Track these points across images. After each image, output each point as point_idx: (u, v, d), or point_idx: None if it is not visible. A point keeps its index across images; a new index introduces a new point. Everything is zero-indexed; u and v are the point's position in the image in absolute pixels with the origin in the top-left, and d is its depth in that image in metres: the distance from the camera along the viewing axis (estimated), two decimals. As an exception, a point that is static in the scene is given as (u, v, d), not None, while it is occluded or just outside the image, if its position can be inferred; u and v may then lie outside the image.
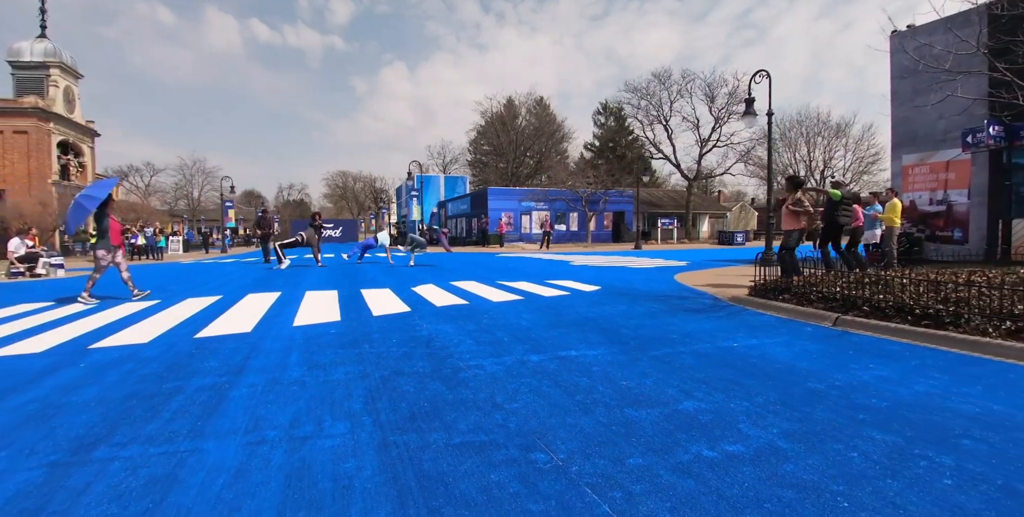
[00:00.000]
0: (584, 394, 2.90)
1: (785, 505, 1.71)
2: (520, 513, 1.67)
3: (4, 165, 27.96)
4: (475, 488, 1.83)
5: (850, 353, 3.89)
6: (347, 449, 2.17)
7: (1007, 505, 1.70)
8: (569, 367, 3.47)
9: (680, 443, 2.22)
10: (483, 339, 4.38)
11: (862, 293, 5.28)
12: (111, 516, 1.67)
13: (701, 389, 2.97)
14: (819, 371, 3.36)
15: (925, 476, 1.91)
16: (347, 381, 3.17)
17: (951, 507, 1.70)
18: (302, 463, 2.05)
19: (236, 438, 2.29)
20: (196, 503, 1.74)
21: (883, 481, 1.88)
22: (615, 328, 4.82)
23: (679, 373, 3.31)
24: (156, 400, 2.84)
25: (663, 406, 2.69)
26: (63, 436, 2.36)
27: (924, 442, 2.23)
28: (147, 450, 2.17)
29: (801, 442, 2.23)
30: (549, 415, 2.57)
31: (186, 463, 2.05)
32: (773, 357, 3.74)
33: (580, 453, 2.12)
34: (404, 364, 3.59)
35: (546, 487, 1.84)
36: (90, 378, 3.32)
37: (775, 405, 2.70)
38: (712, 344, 4.14)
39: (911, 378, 3.21)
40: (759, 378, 3.19)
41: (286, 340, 4.42)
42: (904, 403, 2.75)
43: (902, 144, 14.26)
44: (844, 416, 2.55)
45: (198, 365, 3.58)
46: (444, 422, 2.48)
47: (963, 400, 2.79)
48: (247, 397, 2.87)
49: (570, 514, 1.66)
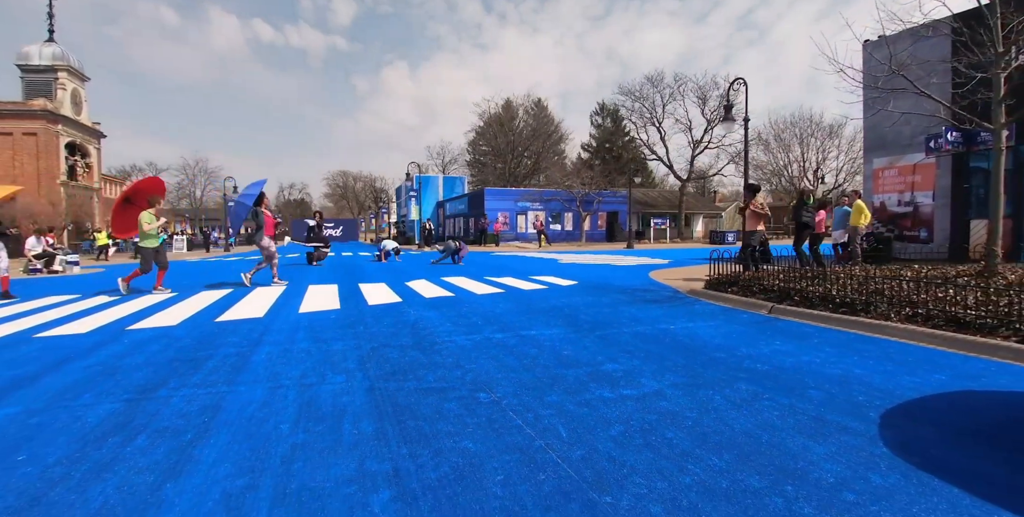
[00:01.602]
0: (530, 359, 3.67)
1: (647, 422, 2.48)
2: (460, 424, 2.44)
3: (14, 166, 28.78)
4: (431, 411, 2.60)
5: (766, 333, 4.65)
6: (343, 390, 2.95)
7: (806, 424, 2.47)
8: (525, 342, 4.24)
9: (589, 389, 2.99)
10: (460, 322, 5.15)
11: (796, 286, 6.04)
12: (180, 426, 2.44)
13: (624, 357, 3.74)
14: (729, 346, 4.12)
15: (760, 409, 2.67)
16: (344, 350, 3.95)
17: (762, 423, 2.47)
18: (310, 398, 2.82)
19: (260, 384, 3.07)
20: (237, 418, 2.51)
21: (726, 412, 2.65)
22: (575, 314, 5.59)
23: (613, 346, 4.07)
24: (194, 362, 3.62)
25: (588, 367, 3.46)
26: (129, 385, 3.13)
27: (777, 391, 2.99)
28: (196, 391, 2.95)
29: (681, 390, 3.00)
30: (497, 372, 3.34)
31: (226, 398, 2.82)
32: (698, 336, 4.50)
33: (512, 394, 2.89)
34: (391, 340, 4.37)
35: (481, 411, 2.61)
36: (135, 349, 4.10)
37: (677, 367, 3.47)
38: (652, 326, 4.91)
39: (803, 351, 3.97)
40: (676, 350, 3.96)
41: (293, 323, 5.19)
42: (783, 367, 3.50)
43: (872, 148, 15.02)
44: (727, 375, 3.31)
45: (223, 340, 4.36)
46: (417, 376, 3.25)
47: (833, 366, 3.55)
48: (265, 360, 3.65)
49: (493, 425, 2.43)
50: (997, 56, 6.02)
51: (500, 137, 53.24)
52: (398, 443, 2.23)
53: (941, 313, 4.63)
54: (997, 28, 6.00)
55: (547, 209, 32.94)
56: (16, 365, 3.69)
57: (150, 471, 1.99)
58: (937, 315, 4.64)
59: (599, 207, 32.62)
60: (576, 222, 32.82)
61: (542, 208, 32.96)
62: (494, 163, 54.60)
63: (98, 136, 35.41)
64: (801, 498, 1.77)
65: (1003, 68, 6.01)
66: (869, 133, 15.05)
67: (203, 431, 2.37)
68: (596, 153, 52.49)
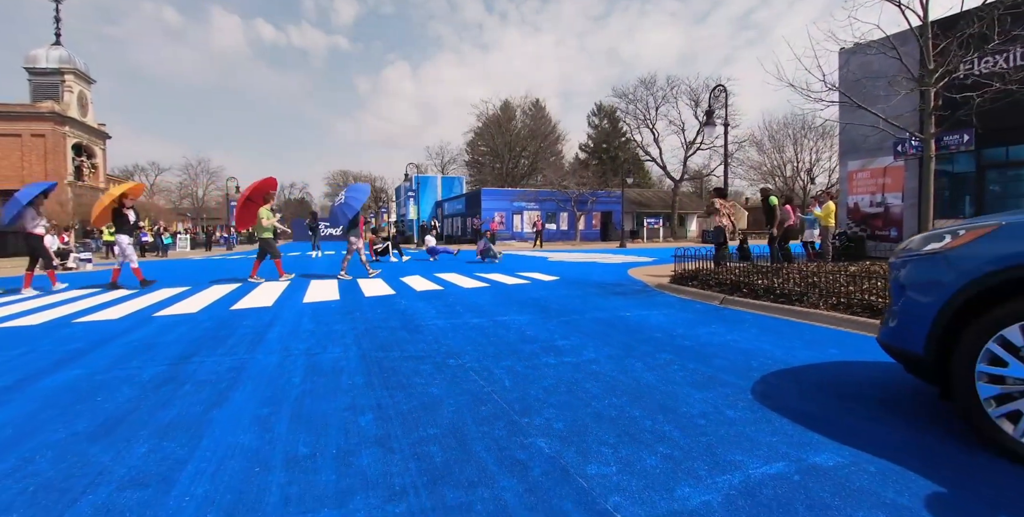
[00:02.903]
0: (497, 337, 4.40)
1: (574, 378, 3.21)
2: (429, 378, 3.17)
3: (23, 166, 29.53)
4: (409, 370, 3.34)
5: (708, 319, 5.37)
6: (341, 357, 3.68)
7: (698, 380, 3.20)
8: (497, 324, 4.97)
9: (539, 357, 3.72)
10: (444, 310, 5.89)
11: (746, 279, 6.77)
12: (215, 379, 3.17)
13: (577, 336, 4.47)
14: (670, 329, 4.85)
15: (668, 371, 3.40)
16: (342, 331, 4.69)
17: (664, 379, 3.19)
18: (315, 362, 3.56)
19: (275, 354, 3.81)
20: (259, 375, 3.25)
21: (640, 372, 3.37)
22: (548, 304, 6.32)
23: (571, 328, 4.80)
24: (218, 339, 4.36)
25: (544, 343, 4.19)
26: (167, 355, 3.87)
27: (690, 359, 3.71)
28: (223, 358, 3.69)
29: (613, 358, 3.72)
30: (468, 345, 4.08)
31: (248, 363, 3.56)
32: (648, 321, 5.23)
33: (476, 360, 3.63)
34: (383, 323, 5.10)
35: (448, 371, 3.34)
36: (165, 330, 4.84)
37: (617, 343, 4.20)
38: (611, 313, 5.64)
39: (731, 332, 4.69)
40: (623, 331, 4.69)
41: (299, 310, 5.93)
42: (706, 344, 4.22)
43: (847, 151, 15.74)
44: (655, 348, 4.03)
45: (239, 322, 5.10)
46: (401, 348, 3.99)
47: (748, 343, 4.27)
48: (277, 337, 4.39)
49: (455, 379, 3.16)
50: (928, 73, 6.73)
51: (498, 138, 53.98)
52: (381, 389, 2.96)
53: (860, 302, 5.36)
54: (928, 48, 6.71)
55: (543, 209, 33.68)
56: (67, 342, 4.43)
57: (199, 404, 2.72)
58: (857, 303, 5.37)
59: (593, 207, 33.36)
60: (571, 222, 33.55)
61: (538, 208, 33.70)
62: (492, 163, 55.35)
63: (103, 137, 36.17)
64: (666, 421, 2.50)
65: (933, 84, 6.72)
66: (843, 137, 15.76)
67: (234, 382, 3.11)
68: (593, 153, 53.23)
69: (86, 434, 2.36)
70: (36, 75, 31.86)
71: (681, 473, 1.96)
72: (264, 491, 1.82)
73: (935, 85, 6.62)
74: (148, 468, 2.01)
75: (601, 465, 2.02)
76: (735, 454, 2.12)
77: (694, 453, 2.13)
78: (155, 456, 2.11)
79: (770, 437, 2.30)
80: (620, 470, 1.98)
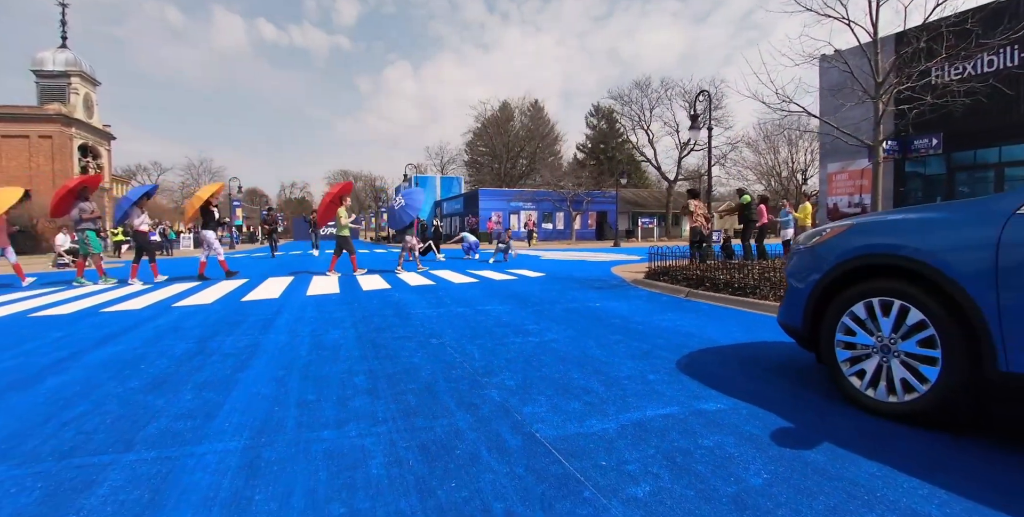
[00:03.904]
0: (476, 322, 5.05)
1: (534, 353, 3.86)
2: (413, 352, 3.83)
3: (31, 167, 30.23)
4: (397, 346, 4.00)
5: (668, 309, 6.01)
6: (340, 337, 4.34)
7: (636, 354, 3.85)
8: (478, 313, 5.63)
9: (508, 337, 4.37)
10: (433, 302, 6.55)
11: (710, 275, 7.42)
12: (236, 352, 3.83)
13: (546, 322, 5.12)
14: (630, 316, 5.49)
15: (615, 347, 4.04)
16: (341, 317, 5.35)
17: (608, 353, 3.84)
18: (318, 341, 4.22)
19: (284, 334, 4.47)
20: (272, 350, 3.91)
21: (590, 348, 4.02)
22: (527, 297, 6.97)
23: (542, 315, 5.45)
24: (234, 323, 5.02)
25: (516, 327, 4.84)
26: (193, 335, 4.53)
27: (636, 339, 4.35)
28: (241, 337, 4.35)
29: (571, 338, 4.37)
30: (449, 329, 4.73)
31: (262, 341, 4.22)
32: (613, 310, 5.87)
33: (454, 339, 4.28)
34: (377, 311, 5.76)
35: (430, 347, 4.00)
36: (186, 317, 5.50)
37: (579, 327, 4.84)
38: (582, 304, 6.29)
39: (682, 319, 5.33)
40: (587, 318, 5.33)
41: (303, 301, 6.59)
42: (655, 327, 4.87)
43: (827, 154, 16.37)
44: (610, 331, 4.68)
45: (251, 311, 5.77)
46: (392, 330, 4.65)
47: (693, 327, 4.91)
48: (284, 323, 5.05)
49: (435, 352, 3.82)
50: (876, 86, 7.37)
51: (497, 138, 54.63)
52: (373, 359, 3.62)
53: (804, 293, 6.00)
54: (876, 63, 7.35)
55: (539, 209, 34.34)
56: (102, 327, 5.09)
57: (226, 369, 3.38)
58: (801, 295, 6.01)
59: (588, 207, 34.02)
60: (567, 221, 34.20)
61: (534, 208, 34.36)
62: (491, 164, 55.99)
63: (108, 138, 36.88)
64: (597, 382, 3.15)
65: (880, 96, 7.37)
66: (824, 140, 16.39)
67: (252, 355, 3.77)
68: (591, 154, 53.86)
69: (139, 389, 3.02)
70: (43, 77, 32.54)
71: (594, 412, 2.61)
72: (283, 420, 2.48)
73: (882, 97, 7.26)
74: (194, 408, 2.66)
75: (535, 407, 2.67)
76: (641, 402, 2.77)
77: (609, 401, 2.78)
78: (198, 401, 2.77)
79: (674, 392, 2.96)
80: (548, 410, 2.63)
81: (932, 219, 2.57)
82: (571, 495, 1.79)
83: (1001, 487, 1.84)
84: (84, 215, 8.98)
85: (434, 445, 2.20)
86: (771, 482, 1.89)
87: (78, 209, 8.95)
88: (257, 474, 1.94)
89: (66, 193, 9.10)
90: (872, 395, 2.66)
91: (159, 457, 2.10)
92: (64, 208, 9.20)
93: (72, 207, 9.02)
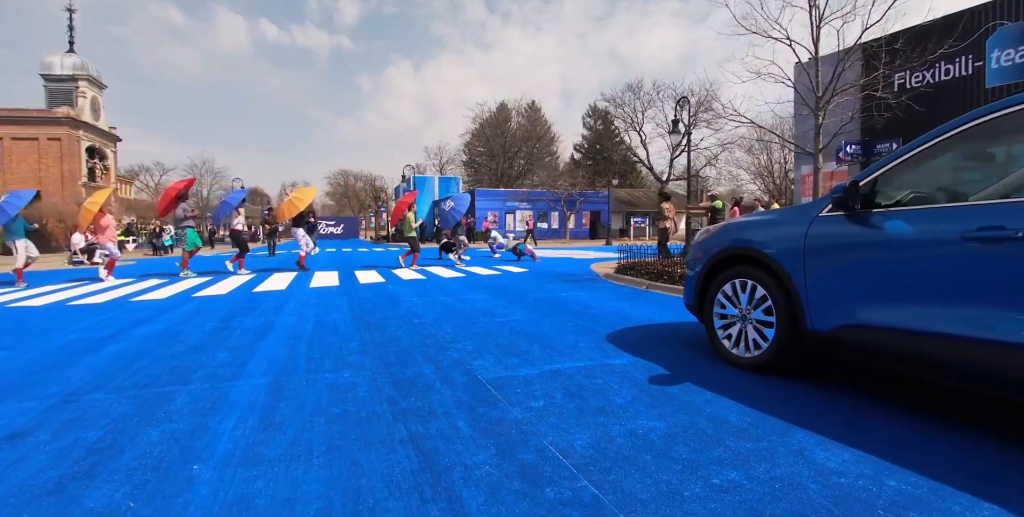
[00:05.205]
0: (454, 308, 5.96)
1: (495, 329, 4.77)
2: (398, 328, 4.74)
3: (40, 169, 31.17)
4: (385, 324, 4.92)
5: (625, 298, 6.91)
6: (339, 318, 5.26)
7: (580, 329, 4.75)
8: (458, 301, 6.54)
9: (480, 318, 5.28)
10: (421, 292, 7.46)
11: (668, 269, 8.32)
12: (254, 328, 4.74)
13: (515, 306, 6.03)
14: (588, 303, 6.39)
15: (563, 325, 4.94)
16: (340, 304, 6.27)
17: (556, 329, 4.74)
18: (321, 321, 5.14)
19: (292, 316, 5.39)
20: (283, 326, 4.83)
21: (544, 326, 4.92)
22: (506, 289, 7.88)
23: (513, 303, 6.36)
24: (249, 308, 5.94)
25: (487, 311, 5.75)
26: (216, 316, 5.45)
27: (583, 319, 5.25)
28: (256, 318, 5.27)
29: (531, 319, 5.28)
30: (430, 312, 5.65)
31: (274, 321, 5.14)
32: (575, 299, 6.78)
33: (433, 319, 5.20)
34: (372, 300, 6.67)
35: (412, 326, 4.91)
36: (208, 304, 6.41)
37: (540, 311, 5.75)
38: (551, 294, 7.19)
39: (633, 306, 6.23)
40: (551, 305, 6.24)
41: (307, 293, 7.51)
42: (605, 311, 5.76)
43: (800, 157, 17.24)
44: (567, 313, 5.58)
45: (262, 299, 6.69)
46: (383, 313, 5.56)
47: (637, 312, 5.80)
48: (292, 308, 5.97)
49: (416, 329, 4.73)
50: (817, 99, 8.26)
51: (494, 139, 55.53)
52: (365, 332, 4.54)
53: (743, 284, 6.90)
54: (817, 79, 8.24)
55: (534, 209, 35.25)
56: (136, 312, 6.00)
57: (249, 339, 4.30)
58: (740, 286, 6.91)
59: (582, 207, 34.92)
60: (562, 221, 35.12)
61: (530, 208, 35.26)
62: (489, 164, 56.89)
63: (115, 140, 37.81)
64: (539, 348, 4.05)
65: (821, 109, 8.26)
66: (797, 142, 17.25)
67: (267, 330, 4.68)
68: (587, 154, 54.75)
69: (183, 352, 3.94)
70: (51, 81, 33.46)
71: (525, 365, 3.52)
72: (295, 368, 3.39)
73: (821, 110, 8.15)
74: (229, 361, 3.58)
75: (483, 361, 3.59)
76: (564, 359, 3.68)
77: (541, 359, 3.69)
78: (231, 357, 3.69)
79: (594, 353, 3.86)
80: (493, 363, 3.55)
81: (772, 220, 3.48)
82: (489, 404, 2.70)
83: (770, 404, 2.76)
84: (187, 214, 10.06)
85: (404, 381, 3.12)
86: (631, 402, 2.80)
87: (181, 209, 10.04)
88: (280, 396, 2.86)
89: (175, 195, 10.40)
90: (736, 352, 3.57)
91: (211, 387, 3.01)
92: (171, 208, 10.51)
93: (176, 208, 10.12)
